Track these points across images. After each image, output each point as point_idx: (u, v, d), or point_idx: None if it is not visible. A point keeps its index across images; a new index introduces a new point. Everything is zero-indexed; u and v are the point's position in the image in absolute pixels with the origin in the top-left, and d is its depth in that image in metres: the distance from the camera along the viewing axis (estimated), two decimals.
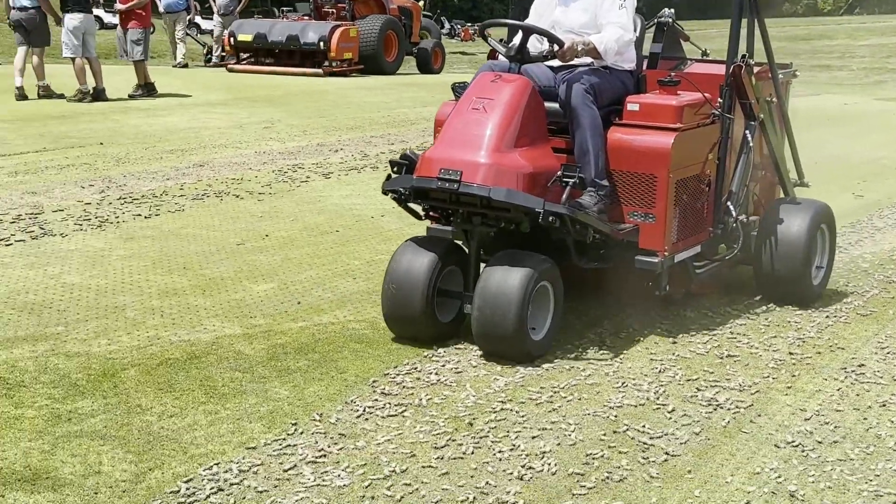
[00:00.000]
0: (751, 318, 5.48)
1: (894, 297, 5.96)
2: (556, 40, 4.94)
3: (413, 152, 5.01)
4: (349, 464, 3.68)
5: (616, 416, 4.16)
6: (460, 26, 38.82)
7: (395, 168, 4.98)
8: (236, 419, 4.04)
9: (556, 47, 4.94)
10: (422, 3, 24.27)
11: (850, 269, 6.58)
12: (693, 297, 5.69)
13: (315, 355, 4.77)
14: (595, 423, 4.10)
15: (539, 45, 5.13)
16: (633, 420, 4.13)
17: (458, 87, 5.20)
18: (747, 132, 5.55)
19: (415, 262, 4.81)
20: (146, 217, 7.45)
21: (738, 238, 5.44)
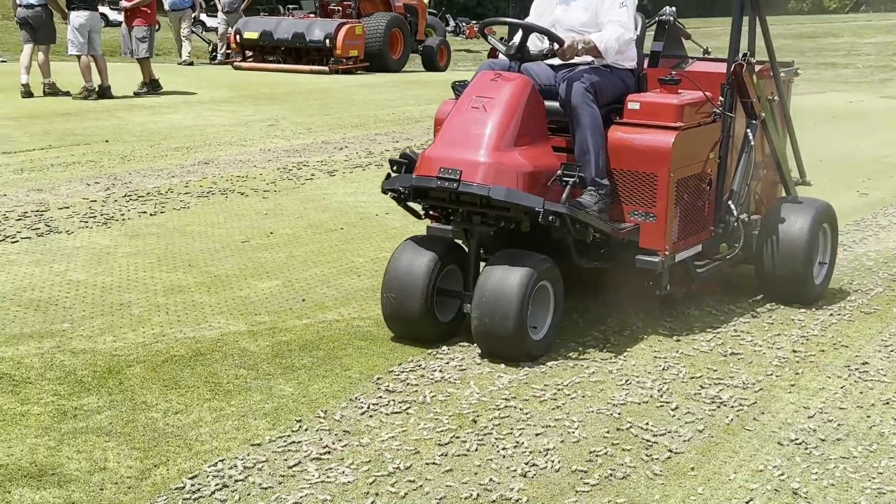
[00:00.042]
0: (755, 316, 5.49)
1: None
2: (557, 39, 4.93)
3: (413, 151, 4.99)
4: (353, 460, 3.69)
5: (619, 414, 4.17)
6: (465, 24, 38.87)
7: (394, 167, 4.96)
8: (241, 416, 4.06)
9: (556, 46, 4.93)
10: (427, 0, 24.25)
11: (855, 266, 6.58)
12: (695, 295, 5.70)
13: (319, 352, 4.78)
14: (598, 420, 4.11)
15: (540, 43, 5.12)
16: (637, 417, 4.14)
17: (458, 86, 5.18)
18: (749, 131, 5.54)
19: (414, 262, 4.79)
20: (151, 214, 7.47)
21: (740, 237, 5.43)
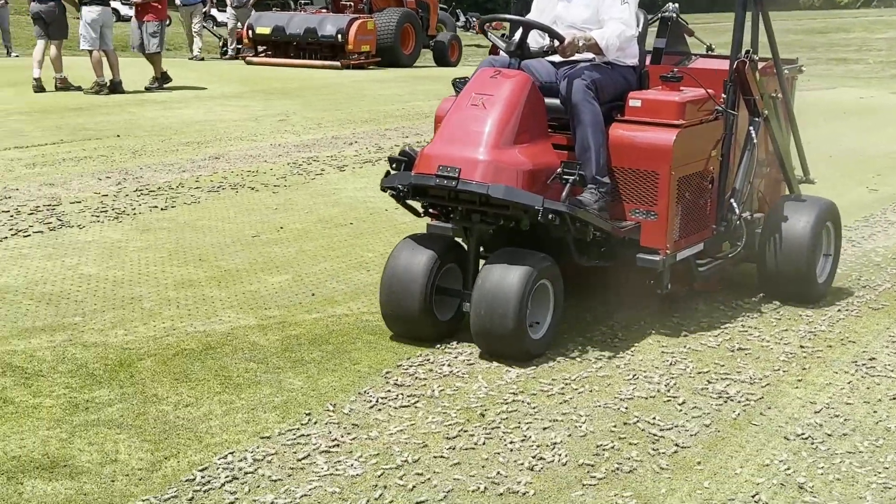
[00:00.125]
0: (762, 312, 5.50)
1: None
2: (557, 35, 4.89)
3: (412, 148, 4.94)
4: (362, 453, 3.72)
5: (627, 408, 4.19)
6: (475, 19, 38.82)
7: (393, 164, 4.91)
8: (251, 409, 4.09)
9: (556, 43, 4.89)
10: None
11: (863, 262, 6.58)
12: (700, 292, 5.69)
13: (329, 346, 4.81)
14: (606, 414, 4.13)
15: (541, 40, 5.07)
16: (644, 412, 4.16)
17: (458, 83, 5.13)
18: (751, 128, 5.49)
19: (413, 260, 4.75)
20: (162, 209, 7.51)
21: (742, 236, 5.39)
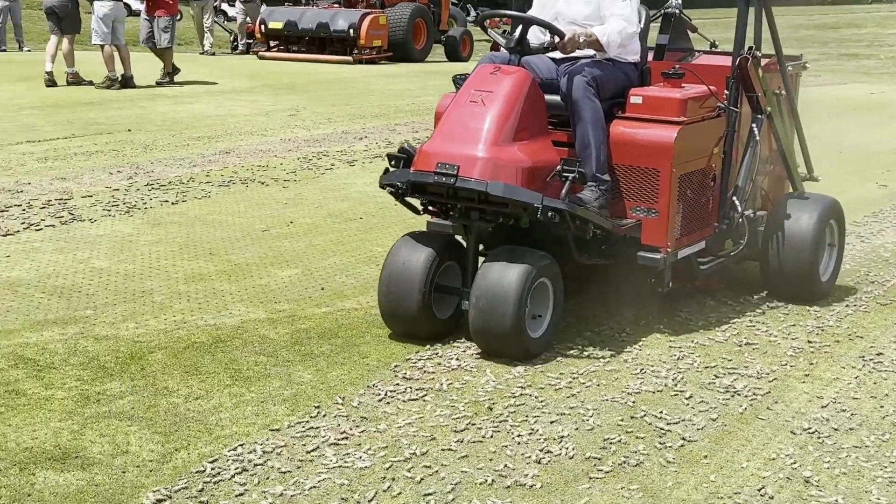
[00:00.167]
0: (770, 307, 5.51)
1: None
2: (557, 32, 4.85)
3: (411, 145, 4.90)
4: (370, 446, 3.75)
5: (634, 402, 4.21)
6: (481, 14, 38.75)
7: (392, 162, 4.86)
8: (261, 402, 4.12)
9: (557, 39, 4.85)
10: None
11: (872, 258, 6.58)
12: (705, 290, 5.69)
13: (338, 340, 4.84)
14: (613, 408, 4.15)
15: (542, 36, 5.01)
16: (651, 406, 4.18)
17: (458, 79, 5.10)
18: (754, 126, 5.45)
19: (412, 258, 4.71)
20: (173, 203, 7.54)
21: (744, 233, 5.35)
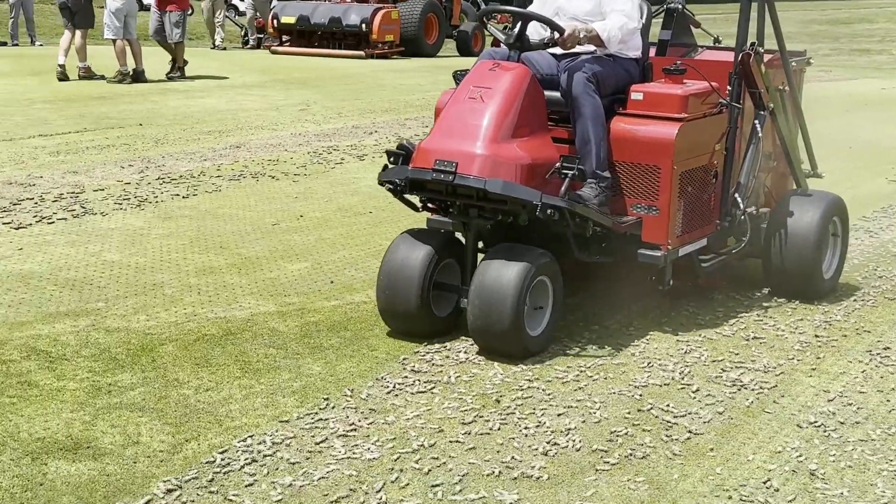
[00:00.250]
0: (778, 301, 5.51)
1: None
2: (557, 27, 4.82)
3: (410, 142, 4.87)
4: (379, 438, 3.77)
5: (641, 396, 4.23)
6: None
7: (391, 158, 4.83)
8: (270, 393, 4.15)
9: (556, 35, 4.81)
10: None
11: (880, 253, 6.58)
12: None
13: (347, 333, 4.87)
14: (620, 401, 4.18)
15: (542, 32, 4.99)
16: (658, 399, 4.20)
17: (459, 75, 5.07)
18: (757, 122, 5.41)
19: (410, 255, 4.69)
20: (184, 197, 7.58)
21: (746, 231, 5.31)
